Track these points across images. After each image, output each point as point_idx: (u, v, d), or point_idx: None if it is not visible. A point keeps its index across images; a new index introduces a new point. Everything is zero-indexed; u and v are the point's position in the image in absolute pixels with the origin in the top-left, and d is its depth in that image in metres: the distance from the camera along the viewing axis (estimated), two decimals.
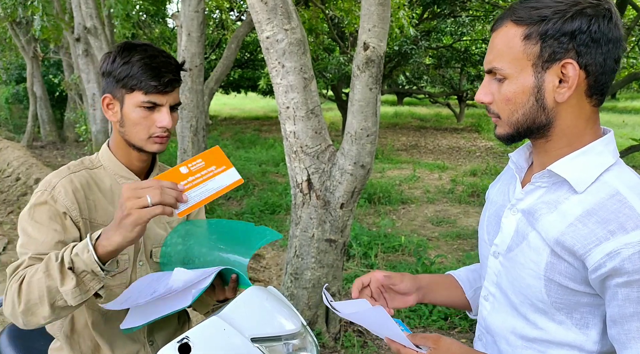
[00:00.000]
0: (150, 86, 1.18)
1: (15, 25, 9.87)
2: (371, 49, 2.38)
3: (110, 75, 1.22)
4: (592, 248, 0.83)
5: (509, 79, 0.89)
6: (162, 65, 1.20)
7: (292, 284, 2.77)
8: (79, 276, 1.01)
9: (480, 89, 0.95)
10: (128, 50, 1.21)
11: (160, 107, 1.22)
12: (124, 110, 1.23)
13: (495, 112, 0.94)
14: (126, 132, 1.24)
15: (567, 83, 0.85)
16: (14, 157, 7.98)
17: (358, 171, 2.52)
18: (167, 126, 1.22)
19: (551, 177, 0.93)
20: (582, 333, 0.91)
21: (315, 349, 1.07)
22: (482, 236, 1.09)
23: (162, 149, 1.27)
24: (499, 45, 0.89)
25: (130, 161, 1.31)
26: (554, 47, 0.84)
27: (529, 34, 0.86)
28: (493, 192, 1.12)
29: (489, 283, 1.04)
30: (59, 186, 1.21)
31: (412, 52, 11.20)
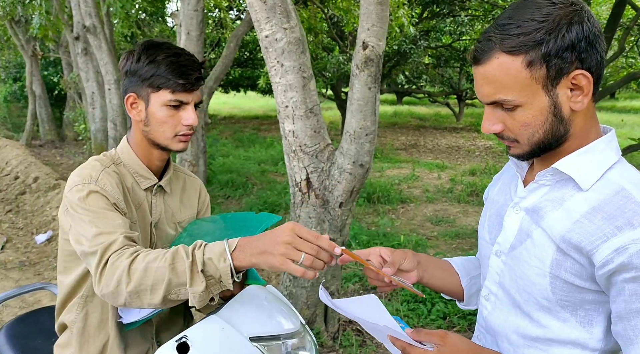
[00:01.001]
0: (177, 85, 1.19)
1: (14, 23, 9.84)
2: (370, 48, 2.38)
3: (135, 74, 1.22)
4: (599, 244, 0.84)
5: (523, 106, 0.88)
6: (187, 63, 1.21)
7: (291, 283, 2.76)
8: (207, 279, 0.99)
9: (485, 121, 0.93)
10: (153, 48, 1.21)
11: (186, 105, 1.23)
12: (149, 109, 1.23)
13: (511, 138, 0.92)
14: (151, 131, 1.25)
15: (583, 91, 0.86)
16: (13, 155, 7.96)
17: (357, 170, 2.51)
18: (193, 123, 1.23)
19: (555, 175, 0.93)
20: (586, 331, 0.91)
21: (314, 348, 1.07)
22: (483, 235, 1.09)
23: (185, 148, 1.28)
24: (499, 77, 0.87)
25: (151, 160, 1.31)
26: (559, 65, 0.84)
27: (531, 61, 0.85)
28: (493, 192, 1.12)
29: (491, 283, 1.04)
30: (102, 178, 1.18)
31: (411, 51, 11.18)
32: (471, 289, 1.21)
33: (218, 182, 6.83)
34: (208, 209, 1.51)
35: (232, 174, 7.45)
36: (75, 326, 1.27)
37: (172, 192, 1.39)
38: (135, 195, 1.29)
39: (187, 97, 1.22)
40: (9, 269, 4.22)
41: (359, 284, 3.84)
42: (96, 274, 1.04)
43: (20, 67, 12.60)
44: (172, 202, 1.38)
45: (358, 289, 3.75)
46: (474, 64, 0.91)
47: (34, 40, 10.29)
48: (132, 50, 1.25)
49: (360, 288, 3.78)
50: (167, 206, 1.36)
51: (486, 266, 1.07)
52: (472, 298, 1.22)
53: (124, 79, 1.26)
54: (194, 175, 1.52)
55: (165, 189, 1.36)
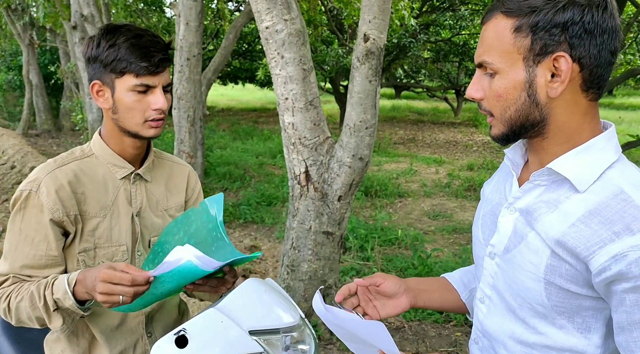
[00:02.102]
0: (140, 68, 1.14)
1: (11, 11, 9.75)
2: (371, 40, 2.36)
3: (96, 60, 1.17)
4: (596, 250, 0.79)
5: (499, 73, 0.85)
6: (149, 44, 1.15)
7: (289, 276, 2.76)
8: (65, 311, 1.12)
9: (471, 85, 0.91)
10: (112, 32, 1.16)
11: (154, 88, 1.17)
12: (115, 96, 1.18)
13: (487, 109, 0.90)
14: (120, 119, 1.20)
15: (560, 77, 0.82)
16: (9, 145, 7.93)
17: (356, 164, 2.50)
18: (162, 107, 1.18)
19: (551, 175, 0.88)
20: (584, 338, 0.87)
21: (314, 342, 1.06)
22: (477, 235, 1.05)
23: (157, 134, 1.23)
24: (489, 38, 0.85)
25: (124, 149, 1.27)
26: (545, 40, 0.80)
27: (519, 26, 0.82)
28: (488, 189, 1.07)
29: (485, 285, 1.00)
30: (42, 185, 1.18)
31: (411, 45, 11.15)
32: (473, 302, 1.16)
33: (216, 174, 6.81)
34: (200, 195, 1.46)
35: (230, 166, 7.44)
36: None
37: (154, 180, 1.34)
38: (109, 186, 1.26)
39: (153, 80, 1.16)
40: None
41: (357, 277, 3.84)
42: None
43: (16, 55, 12.49)
44: (157, 190, 1.34)
45: None
46: (481, 24, 0.90)
47: (30, 29, 10.21)
48: (93, 35, 1.20)
49: None
50: (150, 194, 1.32)
51: (480, 267, 1.03)
52: None
53: (87, 67, 1.22)
54: (183, 162, 1.47)
55: (145, 178, 1.31)
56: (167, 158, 1.43)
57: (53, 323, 1.12)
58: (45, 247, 1.18)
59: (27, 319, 1.15)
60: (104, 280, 0.99)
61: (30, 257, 1.18)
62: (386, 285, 1.06)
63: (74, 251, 1.22)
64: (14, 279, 1.18)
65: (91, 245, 1.23)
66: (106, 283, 0.99)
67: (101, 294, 1.00)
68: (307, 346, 1.04)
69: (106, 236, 1.24)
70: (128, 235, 1.27)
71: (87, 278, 1.06)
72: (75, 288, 1.08)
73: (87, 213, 1.22)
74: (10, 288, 1.17)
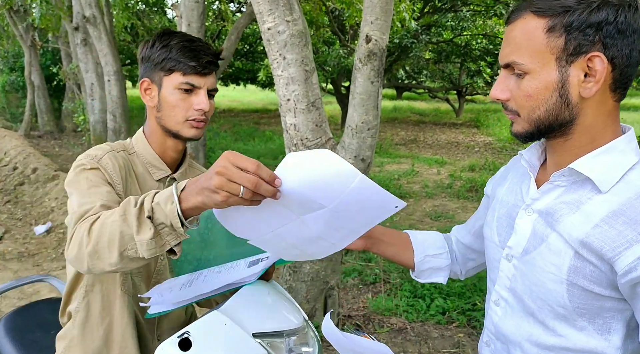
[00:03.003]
0: (188, 67, 1.19)
1: (13, 13, 9.77)
2: (373, 41, 2.36)
3: (148, 59, 1.23)
4: (621, 251, 0.79)
5: (530, 74, 0.84)
6: (200, 48, 1.21)
7: (291, 277, 2.76)
8: (157, 227, 0.91)
9: (496, 86, 0.89)
10: (167, 35, 1.22)
11: (198, 90, 1.22)
12: (161, 93, 1.23)
13: (513, 110, 0.89)
14: (162, 117, 1.24)
15: (595, 77, 0.82)
16: (12, 146, 7.94)
17: (358, 165, 2.50)
18: (204, 108, 1.21)
19: (572, 175, 0.88)
20: (604, 339, 0.86)
21: (317, 344, 1.06)
22: (492, 237, 1.04)
23: (198, 135, 1.26)
24: (518, 38, 0.84)
25: (164, 151, 1.30)
26: (579, 40, 0.80)
27: (553, 26, 0.81)
28: (501, 191, 1.06)
29: (501, 287, 1.00)
30: (106, 158, 1.19)
31: (413, 46, 11.14)
32: (423, 266, 1.20)
33: None
34: None
35: None
36: (78, 316, 1.25)
37: None
38: (146, 185, 1.28)
39: (199, 81, 1.21)
40: (7, 260, 4.21)
41: (358, 279, 3.84)
42: (67, 241, 1.02)
43: (19, 56, 12.51)
44: None
45: (357, 284, 3.75)
46: (505, 24, 0.88)
47: (32, 30, 10.23)
48: (149, 38, 1.27)
49: (359, 282, 3.78)
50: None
51: (495, 270, 1.02)
52: (424, 273, 1.21)
53: (140, 66, 1.28)
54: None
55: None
56: (197, 167, 1.47)
57: (141, 234, 0.91)
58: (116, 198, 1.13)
59: (106, 243, 0.95)
60: (227, 158, 0.81)
61: (106, 197, 1.09)
62: None
63: None
64: (101, 207, 1.05)
65: None
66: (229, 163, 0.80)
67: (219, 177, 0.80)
68: (310, 349, 1.03)
69: None
70: None
71: (199, 178, 0.87)
72: (182, 194, 0.89)
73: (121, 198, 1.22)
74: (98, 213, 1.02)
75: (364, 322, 3.20)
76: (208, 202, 0.85)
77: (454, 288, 3.52)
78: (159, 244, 0.92)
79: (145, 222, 0.91)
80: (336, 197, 0.79)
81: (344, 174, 0.76)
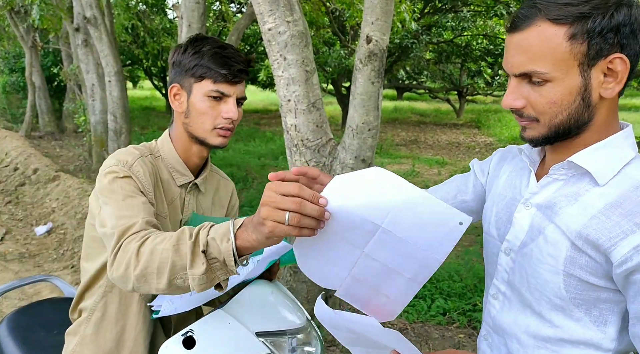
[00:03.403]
0: (219, 75, 1.19)
1: (14, 14, 9.79)
2: (374, 42, 2.36)
3: (180, 65, 1.23)
4: (617, 241, 0.81)
5: (553, 81, 0.83)
6: (231, 55, 1.21)
7: (292, 277, 2.76)
8: (209, 261, 0.92)
9: (508, 94, 0.88)
10: (199, 41, 1.22)
11: (227, 98, 1.22)
12: (191, 100, 1.23)
13: (531, 116, 0.88)
14: (190, 123, 1.24)
15: (617, 78, 0.83)
16: (12, 147, 7.95)
17: (359, 165, 2.50)
18: (233, 117, 1.22)
19: (570, 169, 0.90)
20: (599, 331, 0.88)
21: (320, 344, 1.06)
22: (490, 231, 1.05)
23: (224, 144, 1.26)
24: (536, 46, 0.82)
25: (189, 157, 1.30)
26: (600, 44, 0.81)
27: (575, 34, 0.80)
28: (498, 185, 1.07)
29: (499, 281, 1.01)
30: (137, 165, 1.18)
31: (413, 46, 11.15)
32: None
33: None
34: (237, 214, 1.51)
35: (232, 167, 7.45)
36: (93, 315, 1.25)
37: (205, 192, 1.38)
38: (169, 190, 1.28)
39: (228, 89, 1.21)
40: (8, 260, 4.22)
41: None
42: (110, 257, 1.02)
43: (19, 57, 12.52)
44: (205, 202, 1.37)
45: None
46: (510, 31, 0.85)
47: (33, 31, 10.24)
48: (181, 44, 1.27)
49: None
50: (199, 204, 1.35)
51: (494, 264, 1.03)
52: None
53: (170, 71, 1.28)
54: (228, 178, 1.51)
55: (200, 188, 1.35)
56: (217, 172, 1.48)
57: (194, 268, 0.92)
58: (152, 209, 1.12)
59: (155, 269, 0.96)
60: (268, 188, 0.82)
61: (145, 210, 1.08)
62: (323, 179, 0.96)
63: None
64: (144, 223, 1.04)
65: None
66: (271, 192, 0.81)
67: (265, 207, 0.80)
68: (313, 348, 1.04)
69: None
70: None
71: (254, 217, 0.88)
72: (238, 231, 0.89)
73: (156, 209, 1.22)
74: (143, 232, 1.02)
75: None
76: (260, 238, 0.85)
77: (455, 289, 3.53)
78: (210, 278, 0.92)
79: (199, 256, 0.91)
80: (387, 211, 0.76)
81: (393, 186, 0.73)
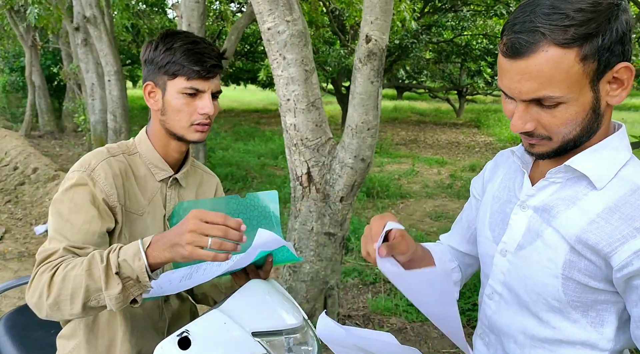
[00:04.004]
0: (192, 71, 1.18)
1: (14, 13, 9.78)
2: (373, 41, 2.36)
3: (152, 62, 1.22)
4: (617, 246, 0.81)
5: (567, 103, 0.81)
6: (204, 50, 1.19)
7: (291, 277, 2.76)
8: (123, 281, 0.98)
9: (518, 120, 0.85)
10: (170, 36, 1.21)
11: (202, 93, 1.21)
12: (165, 97, 1.22)
13: (543, 136, 0.86)
14: (167, 120, 1.24)
15: (623, 84, 0.82)
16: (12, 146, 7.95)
17: (358, 165, 2.50)
18: (209, 112, 1.21)
19: (567, 172, 0.90)
20: (596, 331, 0.89)
21: (316, 344, 1.06)
22: (484, 233, 1.05)
23: (202, 138, 1.26)
24: (546, 72, 0.79)
25: (168, 152, 1.30)
26: (609, 58, 0.80)
27: (586, 55, 0.78)
28: (494, 186, 1.07)
29: (495, 282, 1.01)
30: (99, 168, 1.17)
31: (413, 46, 11.15)
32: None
33: (218, 176, 6.81)
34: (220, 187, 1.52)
35: (232, 167, 7.45)
36: (83, 320, 1.24)
37: (187, 187, 1.37)
38: (148, 186, 1.28)
39: (203, 85, 1.20)
40: (7, 259, 4.22)
41: (358, 279, 3.84)
42: (30, 280, 1.06)
43: (19, 56, 12.52)
44: (188, 196, 1.37)
45: (357, 284, 3.75)
46: (512, 57, 0.81)
47: (33, 30, 10.24)
48: (152, 39, 1.25)
49: (359, 282, 3.78)
50: (181, 199, 1.35)
51: (489, 265, 1.03)
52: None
53: (144, 68, 1.27)
54: (211, 173, 1.51)
55: (180, 183, 1.34)
56: (199, 167, 1.47)
57: (110, 289, 0.98)
58: (99, 223, 1.13)
59: (68, 296, 1.00)
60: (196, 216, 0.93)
61: (83, 232, 1.11)
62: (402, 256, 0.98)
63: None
64: (65, 251, 1.08)
65: (127, 242, 1.22)
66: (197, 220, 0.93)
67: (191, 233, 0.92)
68: (310, 348, 1.04)
69: (141, 236, 1.23)
70: None
71: (166, 235, 0.98)
72: (148, 250, 0.98)
73: (129, 208, 1.23)
74: (59, 260, 1.06)
75: (364, 322, 3.21)
76: (175, 257, 0.95)
77: None
78: (125, 296, 1.00)
79: (113, 278, 0.98)
80: None
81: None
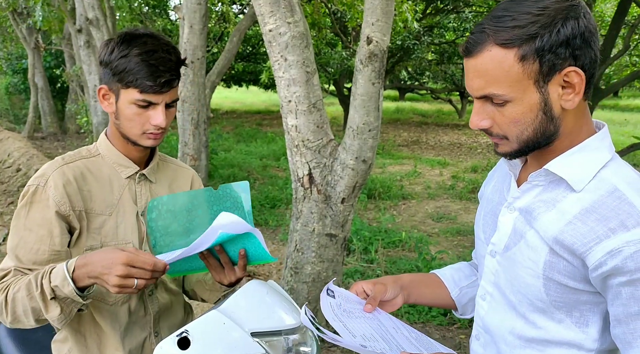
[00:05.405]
0: (145, 86, 1.15)
1: (17, 15, 9.82)
2: (374, 43, 2.36)
3: (107, 66, 1.19)
4: (592, 246, 0.82)
5: (512, 101, 0.85)
6: (160, 63, 1.15)
7: (292, 278, 2.76)
8: (61, 301, 1.08)
9: (474, 116, 0.90)
10: (127, 42, 1.17)
11: (156, 105, 1.19)
12: (118, 104, 1.21)
13: (500, 135, 0.90)
14: (120, 125, 1.23)
15: (575, 89, 0.83)
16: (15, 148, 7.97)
17: (360, 166, 2.50)
18: (160, 124, 1.20)
19: (548, 175, 0.91)
20: (581, 331, 0.90)
21: (315, 344, 1.06)
22: (479, 234, 1.08)
23: (156, 144, 1.25)
24: (491, 71, 0.84)
25: (129, 151, 1.30)
26: (552, 60, 0.81)
27: (524, 55, 0.81)
28: (488, 190, 1.10)
29: (486, 282, 1.03)
30: (51, 179, 1.20)
31: (415, 47, 11.15)
32: (463, 300, 1.19)
33: (220, 177, 6.83)
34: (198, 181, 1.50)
35: (234, 168, 7.46)
36: (70, 324, 1.26)
37: (159, 182, 1.37)
38: (115, 185, 1.28)
39: (156, 98, 1.17)
40: None
41: (360, 280, 3.84)
42: None
43: (22, 58, 12.56)
44: (161, 191, 1.36)
45: None
46: (465, 56, 0.87)
47: (36, 32, 10.27)
48: (111, 39, 1.22)
49: None
50: (154, 194, 1.35)
51: (482, 265, 1.05)
52: (466, 307, 1.20)
53: (101, 69, 1.24)
54: (187, 166, 1.50)
55: (150, 178, 1.34)
56: (171, 162, 1.46)
57: (50, 313, 1.08)
58: (49, 242, 1.18)
59: (22, 313, 1.11)
60: (125, 263, 1.00)
61: (34, 251, 1.17)
62: (388, 295, 1.09)
63: (81, 249, 1.23)
64: (15, 272, 1.16)
65: (98, 243, 1.25)
66: (127, 266, 1.00)
67: (119, 277, 1.00)
68: (309, 348, 1.04)
69: (112, 234, 1.26)
70: (134, 233, 1.29)
71: (90, 263, 1.05)
72: (74, 274, 1.06)
73: (93, 211, 1.24)
74: (10, 281, 1.15)
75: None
76: (102, 285, 1.04)
77: None
78: (67, 312, 1.10)
79: (50, 303, 1.08)
80: None
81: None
